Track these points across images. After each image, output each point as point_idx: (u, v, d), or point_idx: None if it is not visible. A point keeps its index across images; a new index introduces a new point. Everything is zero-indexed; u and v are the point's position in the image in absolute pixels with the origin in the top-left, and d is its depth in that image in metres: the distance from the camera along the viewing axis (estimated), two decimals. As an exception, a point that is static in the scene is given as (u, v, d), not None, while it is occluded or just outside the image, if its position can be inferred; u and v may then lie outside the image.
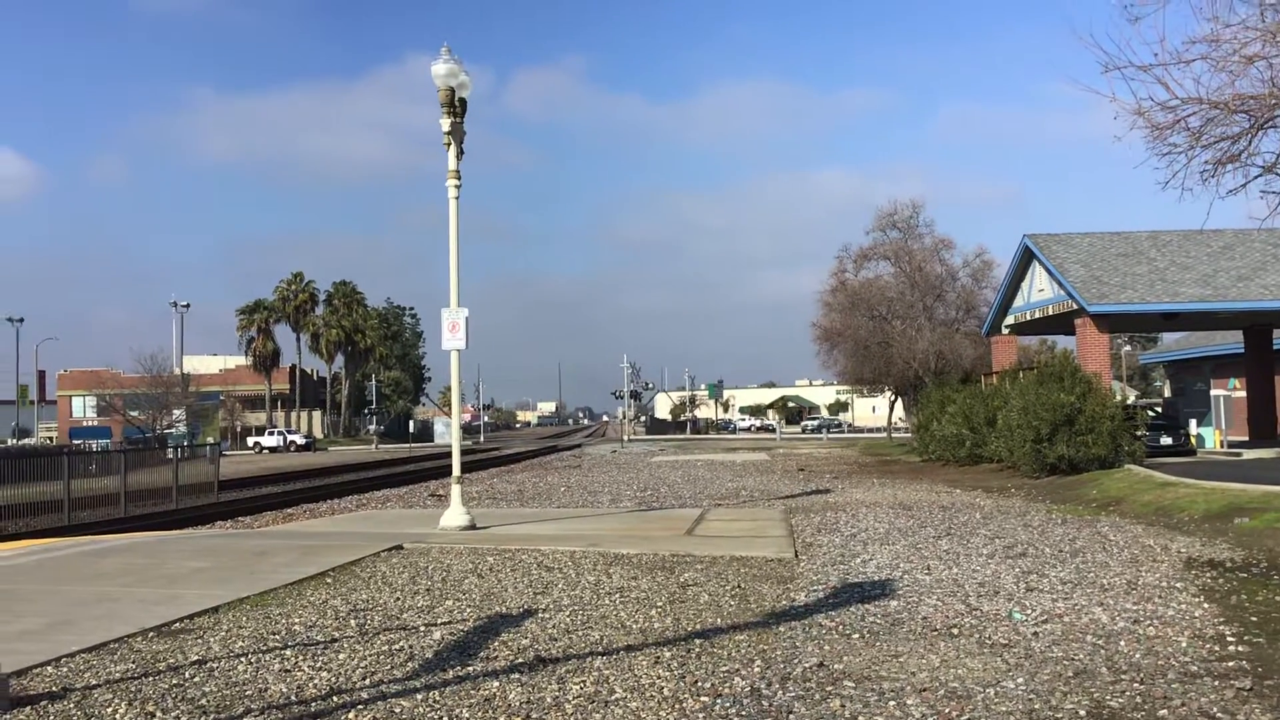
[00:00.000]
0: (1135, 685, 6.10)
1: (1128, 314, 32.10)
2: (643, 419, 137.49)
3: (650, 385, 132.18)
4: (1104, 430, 24.56)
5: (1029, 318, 36.27)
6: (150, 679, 6.31)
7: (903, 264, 51.34)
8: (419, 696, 5.93)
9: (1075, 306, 31.19)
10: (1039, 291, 34.94)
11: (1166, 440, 31.28)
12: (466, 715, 5.58)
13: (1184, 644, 7.17)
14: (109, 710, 5.67)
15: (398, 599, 9.10)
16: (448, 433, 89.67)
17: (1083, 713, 5.58)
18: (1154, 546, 12.41)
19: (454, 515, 14.93)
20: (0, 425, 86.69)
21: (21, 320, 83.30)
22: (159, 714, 5.60)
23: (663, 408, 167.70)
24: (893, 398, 62.89)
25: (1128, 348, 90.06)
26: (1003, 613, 8.30)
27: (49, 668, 6.57)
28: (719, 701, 5.82)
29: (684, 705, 5.76)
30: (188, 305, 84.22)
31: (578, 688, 6.10)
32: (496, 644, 7.24)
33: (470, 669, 6.56)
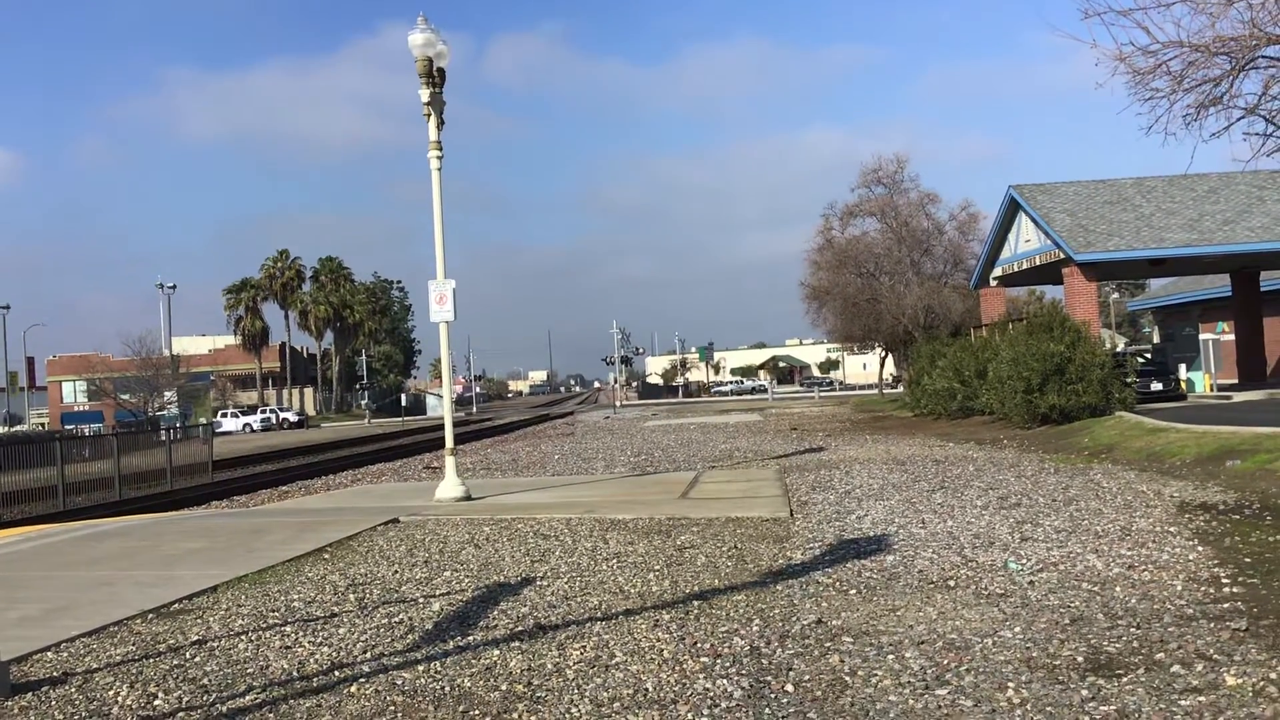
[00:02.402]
0: (1132, 630, 6.14)
1: (1115, 261, 32.14)
2: (634, 384, 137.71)
3: (641, 350, 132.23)
4: (1094, 378, 24.65)
5: (1016, 269, 36.30)
6: (151, 660, 6.32)
7: (889, 220, 51.33)
8: (420, 668, 5.95)
9: (1062, 256, 31.21)
10: (1026, 242, 34.94)
11: (1157, 386, 31.45)
12: (468, 685, 5.60)
13: (1179, 587, 7.22)
14: (110, 693, 5.67)
15: (396, 572, 9.12)
16: (440, 405, 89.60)
17: (1080, 659, 5.62)
18: (1147, 492, 12.48)
19: (449, 487, 14.94)
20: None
21: (8, 308, 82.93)
22: (161, 695, 5.61)
23: (654, 372, 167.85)
24: (883, 354, 63.06)
25: (1116, 295, 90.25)
26: (998, 563, 8.34)
27: (49, 653, 6.57)
28: (719, 661, 5.85)
29: (684, 666, 5.79)
30: (174, 287, 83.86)
31: (578, 653, 6.12)
32: (495, 613, 7.26)
33: (470, 639, 6.58)
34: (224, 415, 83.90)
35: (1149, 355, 40.23)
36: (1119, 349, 39.86)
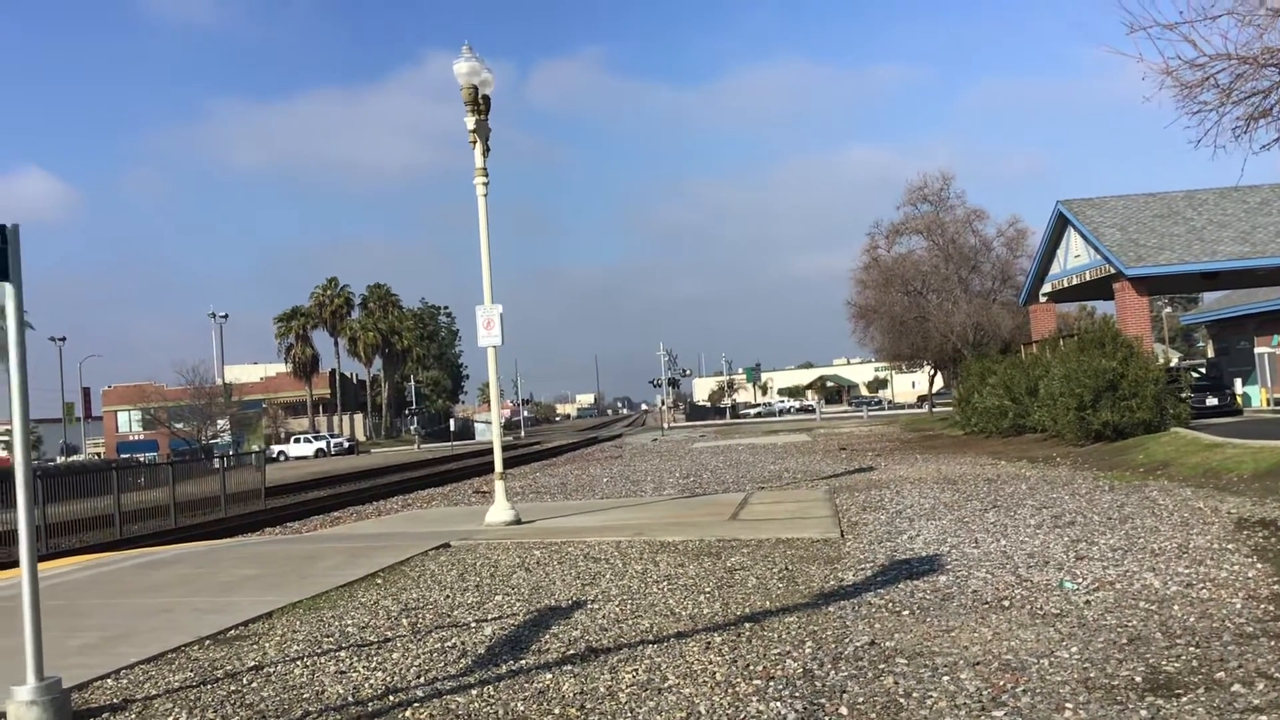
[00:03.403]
0: (1190, 649, 6.06)
1: (1166, 275, 31.73)
2: (682, 406, 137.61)
3: (688, 372, 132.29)
4: (1148, 394, 24.31)
5: (1066, 284, 35.93)
6: (209, 687, 6.40)
7: (935, 237, 51.05)
8: (474, 692, 5.98)
9: (1113, 270, 30.87)
10: (1075, 257, 34.59)
11: (1212, 401, 30.98)
12: (521, 709, 5.62)
13: (1238, 605, 7.10)
14: (169, 719, 5.75)
15: (448, 596, 9.17)
16: (488, 430, 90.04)
17: (1138, 679, 5.55)
18: (1204, 509, 12.28)
19: (499, 511, 15.01)
20: (48, 443, 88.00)
21: (64, 339, 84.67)
22: (219, 720, 5.68)
23: (701, 393, 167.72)
24: (932, 372, 62.58)
25: (1168, 309, 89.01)
26: (1053, 583, 8.25)
27: (109, 680, 6.67)
28: (772, 684, 5.83)
29: (737, 689, 5.78)
30: (226, 316, 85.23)
31: (630, 676, 6.13)
32: (547, 637, 7.29)
33: (523, 662, 6.60)
34: (295, 441, 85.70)
35: (1203, 370, 39.62)
36: (1172, 364, 39.32)
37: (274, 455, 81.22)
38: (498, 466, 15.68)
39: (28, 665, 5.65)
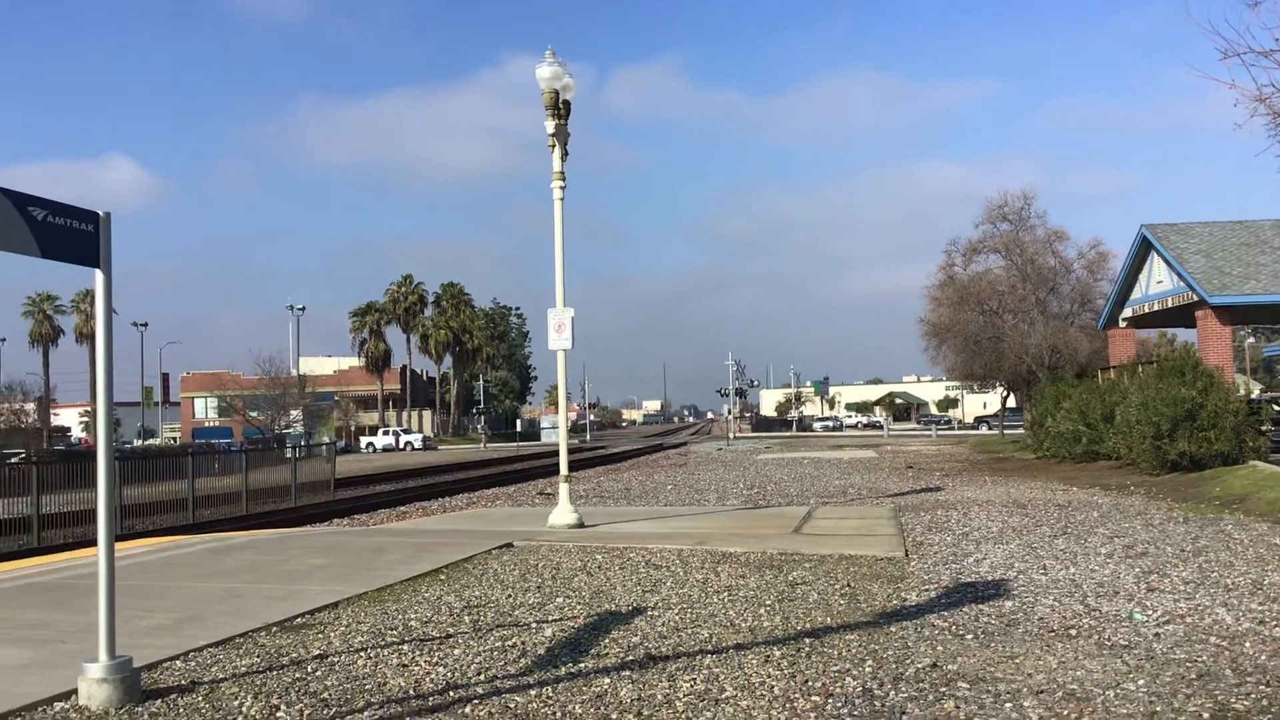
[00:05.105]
0: (1261, 688, 5.91)
1: (1251, 305, 30.96)
2: (748, 416, 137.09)
3: (755, 383, 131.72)
4: (1227, 425, 23.74)
5: (1147, 310, 35.23)
6: (274, 673, 6.52)
7: (1014, 257, 50.29)
8: (532, 692, 6.02)
9: (1195, 298, 30.21)
10: (1157, 283, 33.92)
11: (1294, 435, 30.10)
12: (579, 711, 5.65)
13: (1315, 647, 6.91)
14: (235, 703, 5.87)
15: (509, 596, 9.24)
16: (554, 432, 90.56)
17: (1206, 715, 5.43)
18: (1282, 546, 11.97)
19: (562, 513, 15.08)
20: (127, 426, 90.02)
21: (146, 325, 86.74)
22: (283, 707, 5.78)
23: (768, 405, 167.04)
24: (1005, 394, 61.67)
25: (1251, 340, 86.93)
26: (1122, 613, 8.10)
27: (178, 662, 6.82)
28: (830, 701, 5.80)
29: (795, 704, 5.75)
30: (303, 308, 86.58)
31: (688, 685, 6.13)
32: (607, 641, 7.31)
33: (582, 665, 6.64)
34: (384, 433, 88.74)
35: (1287, 403, 38.59)
36: (1253, 396, 38.36)
37: (362, 447, 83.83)
38: (563, 469, 15.76)
39: (100, 643, 5.80)
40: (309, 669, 6.61)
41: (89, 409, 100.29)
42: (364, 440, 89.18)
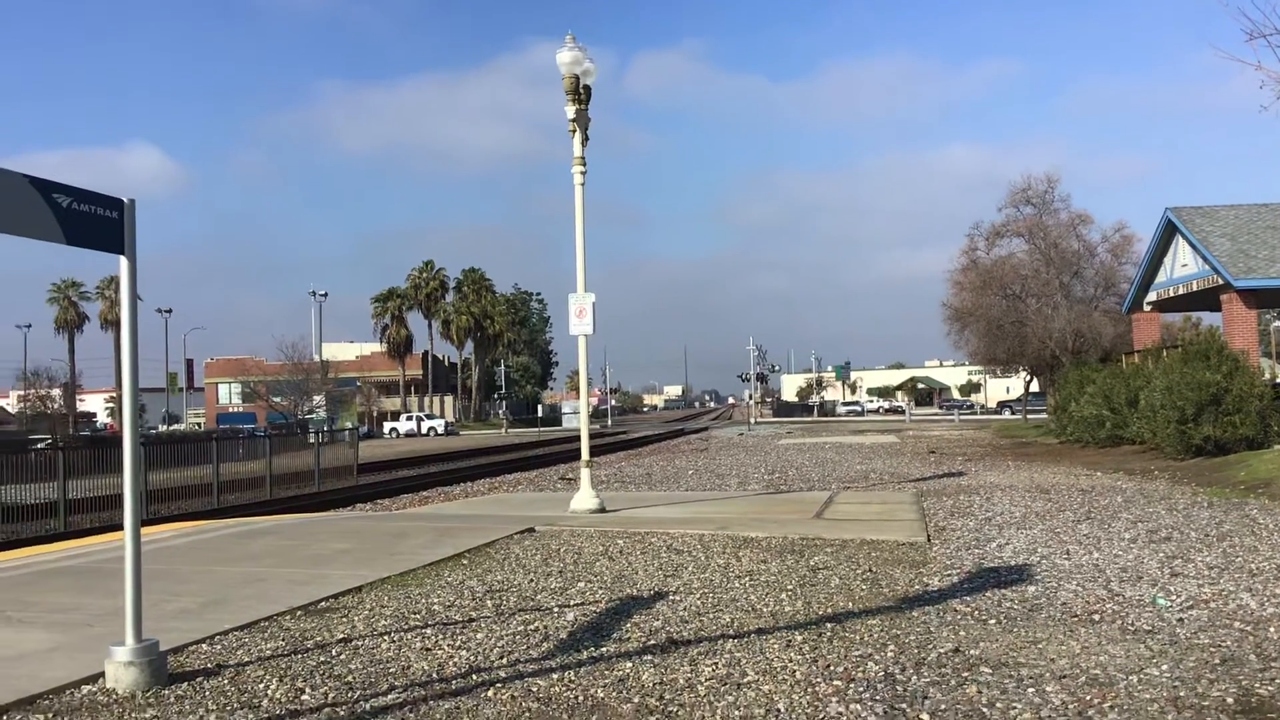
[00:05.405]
0: (1288, 675, 5.88)
1: (1277, 289, 30.69)
2: (769, 401, 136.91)
3: (776, 368, 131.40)
4: (1252, 410, 23.57)
5: (1172, 294, 34.97)
6: (299, 656, 6.57)
7: (1037, 240, 49.93)
8: (555, 676, 6.05)
9: (1221, 281, 29.97)
10: (1182, 267, 33.66)
11: (1320, 419, 29.83)
12: (601, 695, 5.67)
13: (1342, 633, 6.87)
14: (260, 686, 5.91)
15: (531, 580, 9.28)
16: (575, 417, 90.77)
17: (1230, 700, 5.41)
18: (1308, 531, 11.88)
19: (584, 498, 15.12)
20: (151, 412, 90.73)
21: (170, 311, 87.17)
22: (308, 690, 5.83)
23: (789, 390, 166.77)
24: (1028, 378, 61.37)
25: (1277, 323, 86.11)
26: (1146, 599, 8.06)
27: (204, 645, 6.88)
28: (852, 686, 5.80)
29: (817, 689, 5.76)
30: (325, 294, 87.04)
31: (710, 669, 6.14)
32: (628, 625, 7.34)
33: (604, 649, 6.66)
34: (407, 419, 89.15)
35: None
36: (1278, 379, 38.05)
37: (384, 432, 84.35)
38: (584, 454, 15.79)
39: (127, 627, 5.85)
40: (333, 652, 6.65)
41: (114, 395, 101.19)
42: (386, 425, 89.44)
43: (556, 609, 7.98)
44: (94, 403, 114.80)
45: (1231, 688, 5.64)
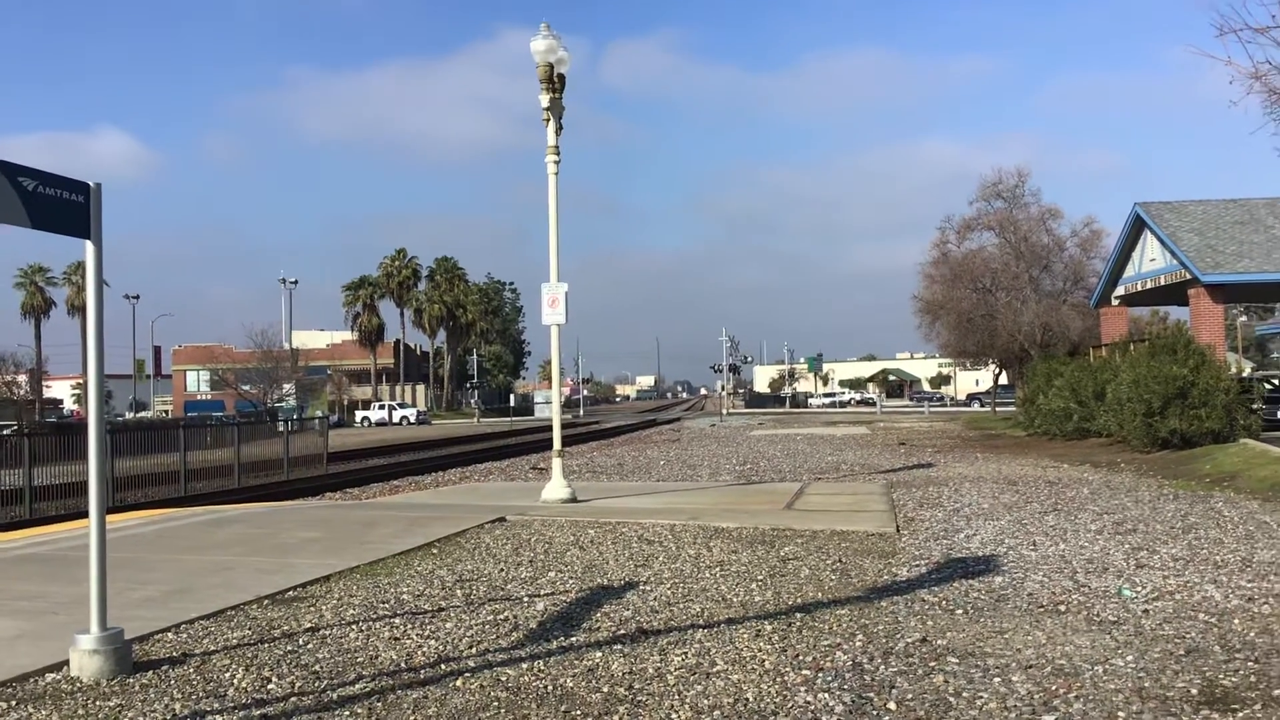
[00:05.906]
0: (1249, 664, 5.95)
1: (1243, 284, 31.03)
2: (741, 393, 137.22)
3: (749, 359, 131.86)
4: (1218, 403, 23.81)
5: (1140, 288, 35.28)
6: (266, 645, 6.53)
7: (1008, 234, 50.32)
8: (524, 665, 6.04)
9: (1188, 276, 30.26)
10: (1150, 261, 33.96)
11: (1285, 414, 30.18)
12: (570, 685, 5.67)
13: (1303, 624, 6.95)
14: (227, 675, 5.88)
15: (501, 570, 9.26)
16: (548, 407, 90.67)
17: (1194, 691, 5.47)
18: (1270, 523, 12.02)
19: (555, 488, 15.11)
20: (118, 399, 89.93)
21: (138, 297, 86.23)
22: (274, 679, 5.80)
23: (762, 381, 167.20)
24: (997, 371, 61.82)
25: (1243, 318, 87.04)
26: (1111, 590, 8.14)
27: (169, 634, 6.83)
28: (820, 675, 5.83)
29: (785, 678, 5.78)
30: (296, 282, 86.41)
31: (679, 659, 6.15)
32: (599, 615, 7.34)
33: (573, 639, 6.66)
34: (379, 408, 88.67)
35: (1276, 381, 38.71)
36: (1245, 374, 38.44)
37: (355, 421, 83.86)
38: (556, 444, 15.77)
39: (92, 615, 5.81)
40: (300, 642, 6.62)
41: (81, 381, 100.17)
42: (358, 414, 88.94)
43: (526, 598, 7.97)
44: (60, 389, 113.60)
45: (1196, 679, 5.70)
